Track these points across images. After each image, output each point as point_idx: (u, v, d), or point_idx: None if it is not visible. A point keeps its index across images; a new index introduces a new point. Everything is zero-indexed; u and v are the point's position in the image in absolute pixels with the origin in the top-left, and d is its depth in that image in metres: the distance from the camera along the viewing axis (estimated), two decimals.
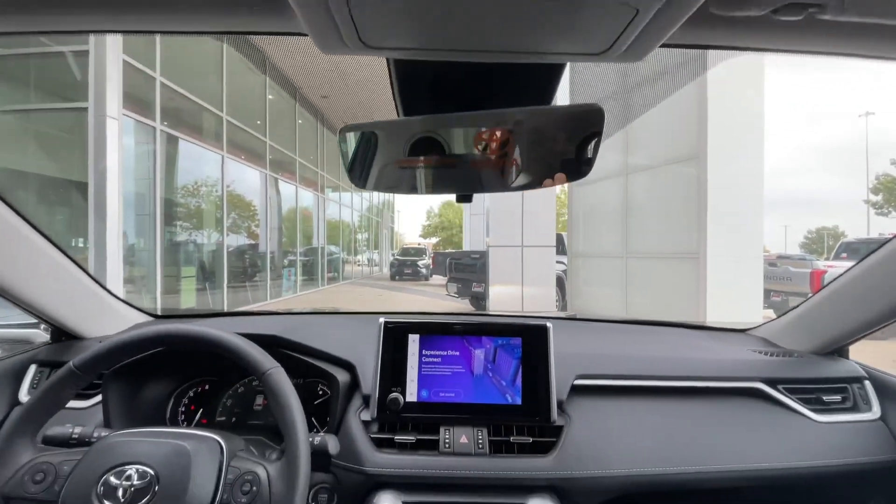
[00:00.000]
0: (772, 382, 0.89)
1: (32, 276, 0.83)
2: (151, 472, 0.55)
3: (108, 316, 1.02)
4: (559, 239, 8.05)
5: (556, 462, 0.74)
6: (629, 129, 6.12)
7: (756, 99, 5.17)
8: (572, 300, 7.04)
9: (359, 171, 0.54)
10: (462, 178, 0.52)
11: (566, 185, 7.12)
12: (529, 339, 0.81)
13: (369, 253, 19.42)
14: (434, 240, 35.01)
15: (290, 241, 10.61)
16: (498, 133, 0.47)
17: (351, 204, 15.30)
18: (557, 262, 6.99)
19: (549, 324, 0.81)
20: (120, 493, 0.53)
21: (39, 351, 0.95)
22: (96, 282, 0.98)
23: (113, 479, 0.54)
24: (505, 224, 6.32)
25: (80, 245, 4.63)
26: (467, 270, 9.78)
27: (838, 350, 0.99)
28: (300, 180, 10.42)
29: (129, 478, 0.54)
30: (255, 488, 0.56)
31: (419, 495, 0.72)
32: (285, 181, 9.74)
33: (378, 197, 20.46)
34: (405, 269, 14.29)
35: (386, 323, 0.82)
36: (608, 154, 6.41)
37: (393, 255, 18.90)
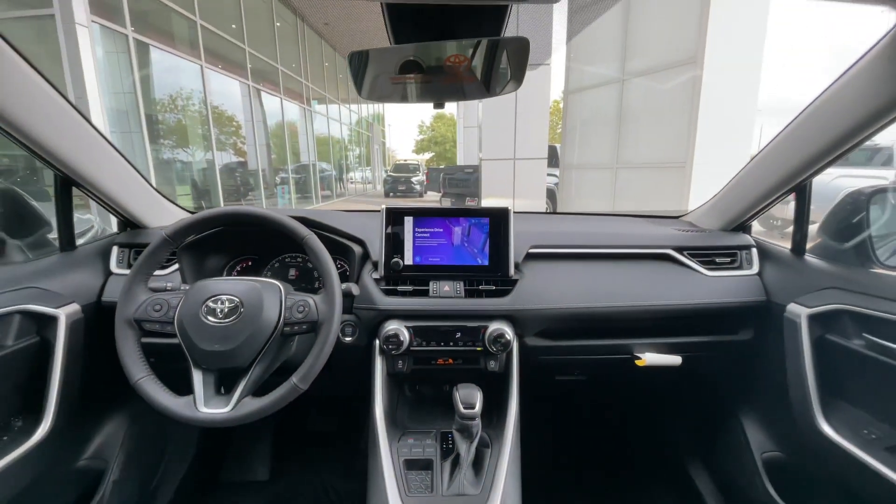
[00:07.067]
0: (679, 249, 1.18)
1: (112, 178, 1.09)
2: (237, 299, 0.83)
3: (163, 210, 1.26)
4: (552, 151, 8.08)
5: (511, 300, 1.05)
6: (628, 32, 5.85)
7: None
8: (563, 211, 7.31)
9: (362, 84, 0.74)
10: (436, 90, 0.73)
11: (563, 94, 6.93)
12: (495, 219, 1.07)
13: (362, 170, 19.13)
14: (427, 155, 34.06)
15: (280, 158, 10.44)
16: (460, 56, 0.66)
17: (339, 117, 14.72)
18: (549, 174, 7.14)
19: (509, 206, 1.07)
20: (218, 311, 0.82)
21: (116, 236, 1.21)
22: (150, 184, 1.21)
23: (211, 304, 0.82)
24: (498, 137, 6.33)
25: None
26: (461, 185, 9.90)
27: (741, 227, 1.27)
28: (284, 92, 9.94)
29: (222, 302, 0.82)
30: (306, 309, 0.86)
31: (416, 321, 1.03)
32: (268, 92, 9.31)
33: (367, 109, 19.55)
34: (399, 185, 14.32)
35: (387, 208, 1.07)
36: (606, 59, 6.21)
37: (386, 171, 18.65)
